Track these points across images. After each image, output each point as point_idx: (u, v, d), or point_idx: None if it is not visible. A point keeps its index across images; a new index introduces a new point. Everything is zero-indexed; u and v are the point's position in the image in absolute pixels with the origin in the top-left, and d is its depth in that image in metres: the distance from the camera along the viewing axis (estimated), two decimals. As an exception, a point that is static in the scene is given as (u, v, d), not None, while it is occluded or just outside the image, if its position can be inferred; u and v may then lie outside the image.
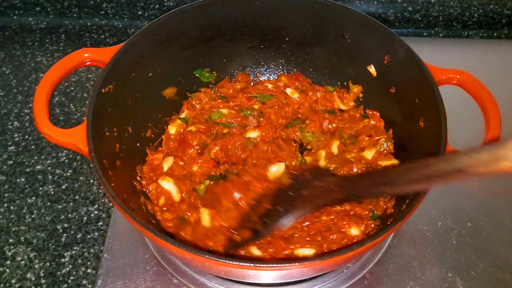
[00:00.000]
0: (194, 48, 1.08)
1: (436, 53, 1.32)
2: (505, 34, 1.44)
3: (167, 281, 0.93)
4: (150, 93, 1.05)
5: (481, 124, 0.88)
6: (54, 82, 0.89)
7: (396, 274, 0.94)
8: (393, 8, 1.40)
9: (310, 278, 0.92)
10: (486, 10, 1.39)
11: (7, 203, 1.07)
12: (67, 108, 1.24)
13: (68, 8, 1.43)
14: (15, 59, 1.35)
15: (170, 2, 1.39)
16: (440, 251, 0.97)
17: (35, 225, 1.04)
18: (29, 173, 1.12)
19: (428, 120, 0.91)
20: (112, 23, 1.45)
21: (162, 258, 0.95)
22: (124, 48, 0.94)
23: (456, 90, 0.93)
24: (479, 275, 0.94)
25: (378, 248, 0.97)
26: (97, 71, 1.32)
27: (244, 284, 0.92)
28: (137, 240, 0.97)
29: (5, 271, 0.97)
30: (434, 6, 1.39)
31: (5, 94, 1.27)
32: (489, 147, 0.69)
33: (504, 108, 0.89)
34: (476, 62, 1.30)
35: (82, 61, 0.93)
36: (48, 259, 0.99)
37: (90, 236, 1.02)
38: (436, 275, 0.94)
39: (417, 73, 0.92)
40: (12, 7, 1.42)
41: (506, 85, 1.23)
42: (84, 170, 1.12)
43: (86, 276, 0.97)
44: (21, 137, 1.18)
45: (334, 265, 0.83)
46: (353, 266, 0.95)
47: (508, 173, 0.64)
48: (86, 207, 1.06)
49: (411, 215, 0.77)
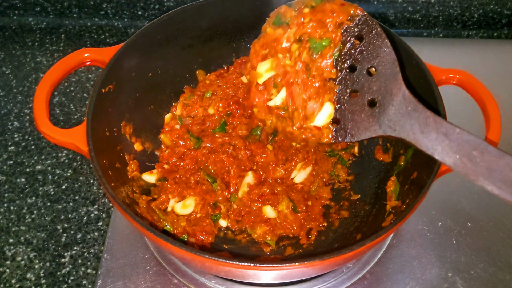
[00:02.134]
0: (194, 48, 1.08)
1: (436, 53, 1.32)
2: (505, 34, 1.44)
3: (167, 281, 0.93)
4: (150, 93, 1.05)
5: (481, 124, 0.88)
6: (54, 82, 0.89)
7: (396, 274, 0.94)
8: (393, 8, 1.40)
9: (310, 278, 0.92)
10: (486, 10, 1.39)
11: (7, 203, 1.07)
12: (67, 108, 1.24)
13: (68, 8, 1.43)
14: (15, 59, 1.35)
15: (170, 2, 1.39)
16: (440, 251, 0.97)
17: (35, 225, 1.04)
18: (29, 173, 1.12)
19: (428, 120, 0.91)
20: (112, 23, 1.45)
21: (162, 258, 0.95)
22: (124, 48, 0.94)
23: (456, 90, 0.93)
24: (479, 275, 0.94)
25: (378, 248, 0.97)
26: (97, 71, 1.32)
27: (244, 284, 0.92)
28: (137, 240, 0.97)
29: (5, 271, 0.97)
30: (434, 6, 1.39)
31: (5, 94, 1.27)
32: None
33: (504, 108, 0.90)
34: (476, 62, 1.30)
35: (82, 61, 0.93)
36: (48, 259, 0.99)
37: (90, 236, 1.02)
38: (436, 275, 0.94)
39: (417, 73, 0.92)
40: (12, 7, 1.42)
41: (506, 85, 1.23)
42: (84, 170, 1.12)
43: (86, 276, 0.97)
44: (21, 137, 1.18)
45: (334, 265, 0.83)
46: (353, 266, 0.95)
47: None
48: (86, 207, 1.06)
49: (411, 215, 0.77)
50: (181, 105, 1.08)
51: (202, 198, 0.97)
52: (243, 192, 0.98)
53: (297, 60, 0.88)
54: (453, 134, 0.75)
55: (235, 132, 1.04)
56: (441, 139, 0.76)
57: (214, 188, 0.98)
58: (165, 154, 1.03)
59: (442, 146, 0.75)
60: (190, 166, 1.02)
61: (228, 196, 0.99)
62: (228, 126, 1.05)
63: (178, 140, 1.05)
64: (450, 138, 0.75)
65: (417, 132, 0.78)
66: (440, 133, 0.76)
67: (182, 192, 0.97)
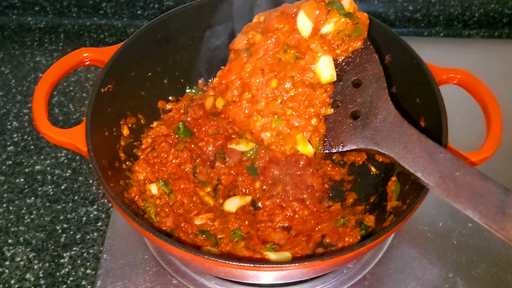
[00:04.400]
0: (194, 48, 1.08)
1: (436, 53, 1.32)
2: (506, 33, 1.44)
3: (166, 281, 0.92)
4: (150, 93, 1.04)
5: (482, 124, 0.88)
6: (53, 82, 0.89)
7: (396, 275, 0.94)
8: (393, 8, 1.39)
9: (310, 279, 0.92)
10: (487, 9, 1.39)
11: (6, 204, 1.06)
12: (66, 108, 1.23)
13: (67, 8, 1.42)
14: (14, 59, 1.35)
15: (169, 1, 1.39)
16: (441, 252, 0.97)
17: (34, 225, 1.03)
18: (28, 173, 1.11)
19: (429, 119, 0.90)
20: (111, 23, 1.45)
21: (161, 259, 0.95)
22: (123, 48, 0.94)
23: (457, 90, 0.92)
24: (480, 276, 0.94)
25: (379, 249, 0.97)
26: (96, 71, 1.32)
27: (244, 284, 0.92)
28: (136, 240, 0.97)
29: (4, 272, 0.97)
30: (434, 6, 1.38)
31: (4, 94, 1.27)
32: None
33: (505, 108, 0.89)
34: (477, 62, 1.29)
35: (81, 60, 0.93)
36: (47, 259, 0.99)
37: (89, 236, 1.02)
38: (437, 276, 0.94)
39: (417, 72, 0.92)
40: (11, 6, 1.42)
41: (507, 85, 1.23)
42: (84, 170, 1.12)
43: (86, 277, 0.96)
44: (20, 137, 1.18)
45: (335, 265, 0.83)
46: (353, 267, 0.94)
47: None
48: (85, 208, 1.06)
49: (412, 215, 0.77)
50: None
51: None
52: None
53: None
54: (437, 154, 0.74)
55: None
56: (425, 158, 0.75)
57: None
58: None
59: (425, 165, 0.74)
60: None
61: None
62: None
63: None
64: (434, 158, 0.74)
65: (400, 148, 0.78)
66: (424, 152, 0.75)
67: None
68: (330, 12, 0.85)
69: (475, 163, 0.83)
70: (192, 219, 0.93)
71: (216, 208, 0.97)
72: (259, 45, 0.86)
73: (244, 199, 0.97)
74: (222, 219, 0.94)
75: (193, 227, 0.92)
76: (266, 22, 0.89)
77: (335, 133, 0.87)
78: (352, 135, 0.84)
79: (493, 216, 0.68)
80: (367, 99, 0.84)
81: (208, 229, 0.93)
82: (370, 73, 0.86)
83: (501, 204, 0.68)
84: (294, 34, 0.86)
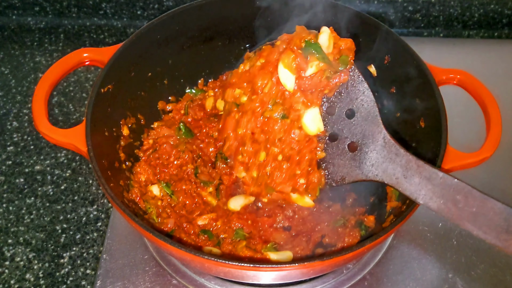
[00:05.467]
0: (194, 48, 1.08)
1: (436, 53, 1.32)
2: (506, 34, 1.43)
3: (166, 282, 0.92)
4: (150, 93, 1.04)
5: (482, 124, 0.87)
6: (53, 82, 0.88)
7: (396, 275, 0.94)
8: (393, 8, 1.39)
9: (310, 279, 0.92)
10: (486, 10, 1.39)
11: (6, 204, 1.06)
12: (66, 108, 1.23)
13: (67, 8, 1.42)
14: (14, 59, 1.35)
15: (169, 1, 1.39)
16: (440, 252, 0.97)
17: (34, 225, 1.03)
18: (28, 174, 1.11)
19: (429, 120, 0.91)
20: (111, 23, 1.45)
21: (161, 259, 0.95)
22: (123, 48, 0.94)
23: (457, 90, 0.92)
24: (480, 276, 0.94)
25: (378, 249, 0.97)
26: (96, 71, 1.32)
27: (244, 285, 0.92)
28: (136, 240, 0.97)
29: (4, 272, 0.97)
30: (434, 6, 1.38)
31: (4, 94, 1.27)
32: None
33: (505, 108, 0.89)
34: (476, 62, 1.29)
35: (81, 61, 0.93)
36: (47, 259, 0.99)
37: (89, 236, 1.02)
38: (437, 276, 0.94)
39: (417, 73, 0.92)
40: (11, 7, 1.42)
41: (507, 85, 1.23)
42: (83, 171, 1.12)
43: (85, 277, 0.96)
44: (20, 137, 1.18)
45: (334, 266, 0.83)
46: (353, 267, 0.94)
47: None
48: (85, 208, 1.06)
49: (411, 216, 0.77)
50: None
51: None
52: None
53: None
54: (436, 179, 0.74)
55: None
56: (424, 184, 0.75)
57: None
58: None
59: (425, 190, 0.74)
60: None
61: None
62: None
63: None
64: (433, 183, 0.74)
65: (400, 176, 0.78)
66: (423, 178, 0.75)
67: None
68: (309, 57, 0.83)
69: (475, 163, 0.83)
70: (194, 220, 0.93)
71: (219, 208, 0.97)
72: (247, 106, 0.89)
73: (248, 198, 0.97)
74: (225, 218, 0.94)
75: (195, 228, 0.92)
76: (251, 73, 0.90)
77: (335, 167, 0.88)
78: (353, 167, 0.86)
79: (498, 234, 0.69)
80: (362, 129, 0.85)
81: (210, 229, 0.93)
82: (362, 101, 0.86)
83: (505, 222, 0.68)
84: (279, 86, 0.86)
